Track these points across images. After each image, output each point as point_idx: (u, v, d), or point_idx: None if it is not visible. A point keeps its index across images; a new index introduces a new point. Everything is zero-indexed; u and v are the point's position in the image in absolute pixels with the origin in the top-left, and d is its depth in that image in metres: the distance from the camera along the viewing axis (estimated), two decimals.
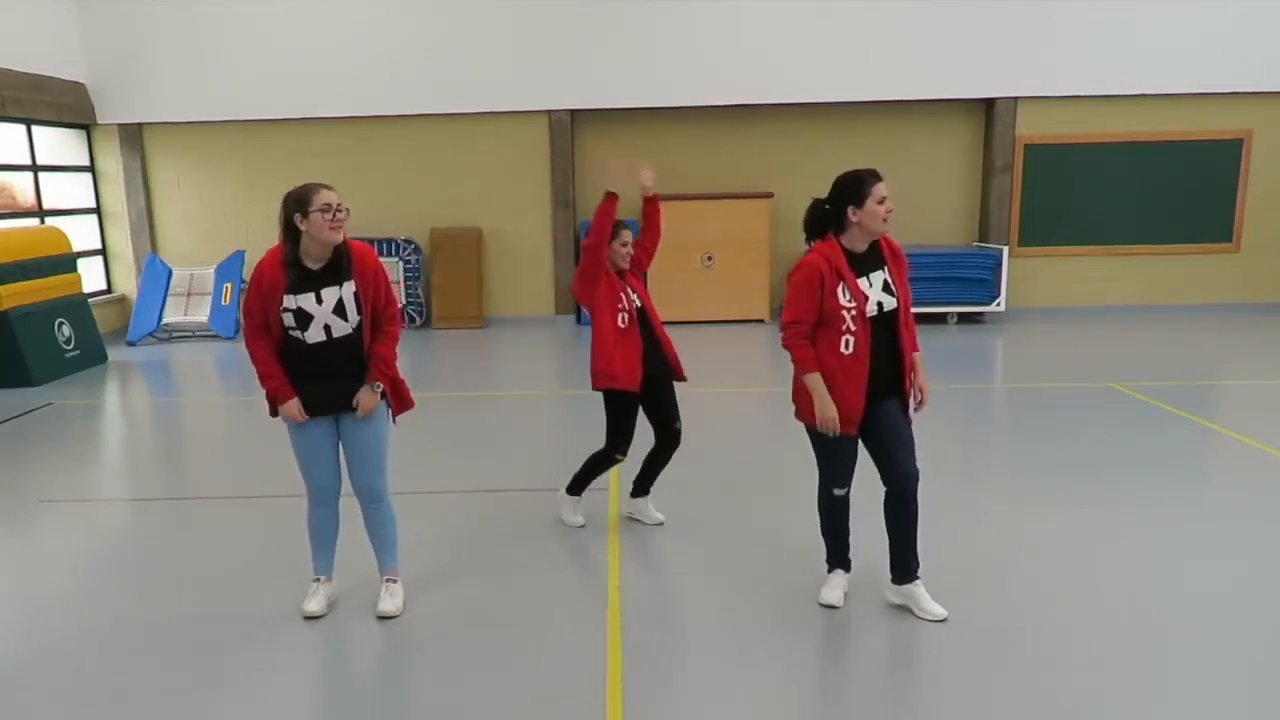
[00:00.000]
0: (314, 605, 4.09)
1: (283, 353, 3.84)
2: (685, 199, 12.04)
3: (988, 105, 12.14)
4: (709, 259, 12.15)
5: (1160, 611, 4.04)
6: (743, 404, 8.31)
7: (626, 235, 4.81)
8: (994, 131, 12.02)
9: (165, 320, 11.79)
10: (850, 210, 3.79)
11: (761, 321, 12.26)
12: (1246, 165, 12.04)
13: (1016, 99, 11.91)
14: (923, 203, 12.39)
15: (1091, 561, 4.57)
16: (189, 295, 11.96)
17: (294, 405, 3.85)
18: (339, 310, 3.79)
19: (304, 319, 3.76)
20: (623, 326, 4.71)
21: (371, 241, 12.14)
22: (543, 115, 12.10)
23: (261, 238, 12.40)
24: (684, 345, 11.22)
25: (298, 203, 3.74)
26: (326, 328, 3.79)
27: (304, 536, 4.17)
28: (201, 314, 11.84)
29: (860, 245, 3.88)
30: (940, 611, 3.91)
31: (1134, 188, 12.16)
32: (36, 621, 4.24)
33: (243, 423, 8.17)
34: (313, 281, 3.79)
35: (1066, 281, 12.43)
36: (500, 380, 9.74)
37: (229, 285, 11.95)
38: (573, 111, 12.09)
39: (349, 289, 3.80)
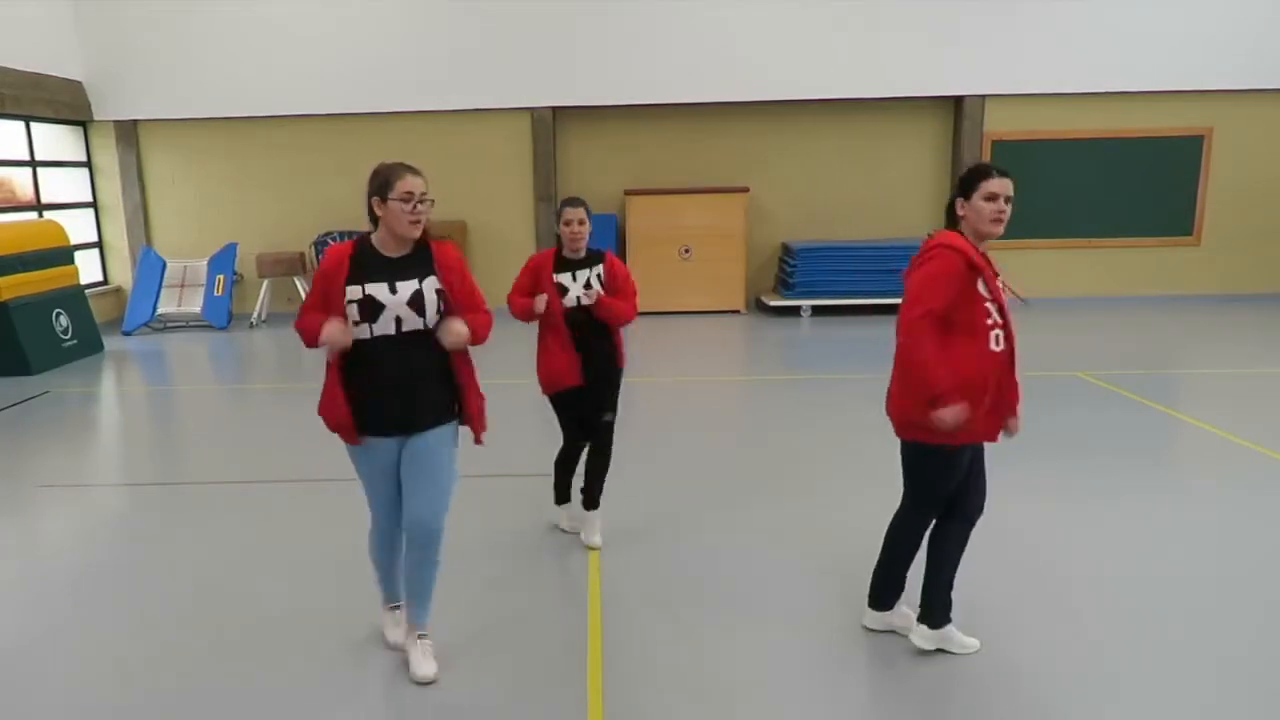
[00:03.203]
0: (396, 635, 3.82)
1: (348, 361, 3.43)
2: (664, 193, 12.39)
3: (956, 103, 12.46)
4: (686, 251, 12.49)
5: (1119, 595, 4.20)
6: (724, 392, 8.67)
7: (569, 214, 4.56)
8: (962, 128, 12.35)
9: (159, 311, 12.12)
10: (958, 203, 3.45)
11: (737, 312, 12.62)
12: (1207, 161, 12.39)
13: (984, 97, 12.25)
14: (893, 197, 12.75)
15: (1052, 547, 4.69)
16: (183, 287, 12.27)
17: (334, 324, 3.33)
18: (415, 303, 3.41)
19: (374, 309, 3.37)
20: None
21: (357, 234, 12.47)
22: (525, 112, 12.42)
23: (253, 231, 12.76)
24: (662, 335, 11.58)
25: (380, 185, 3.40)
26: (398, 320, 3.39)
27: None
28: (195, 305, 12.17)
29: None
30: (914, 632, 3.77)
31: (1099, 183, 12.51)
32: (37, 603, 4.39)
33: (235, 410, 8.50)
34: (388, 271, 3.42)
35: (1033, 273, 12.72)
36: (484, 369, 10.02)
37: (221, 277, 12.28)
38: (554, 109, 12.41)
39: (430, 283, 3.43)
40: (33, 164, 11.71)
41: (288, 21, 12.17)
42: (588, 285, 4.61)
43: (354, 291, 3.37)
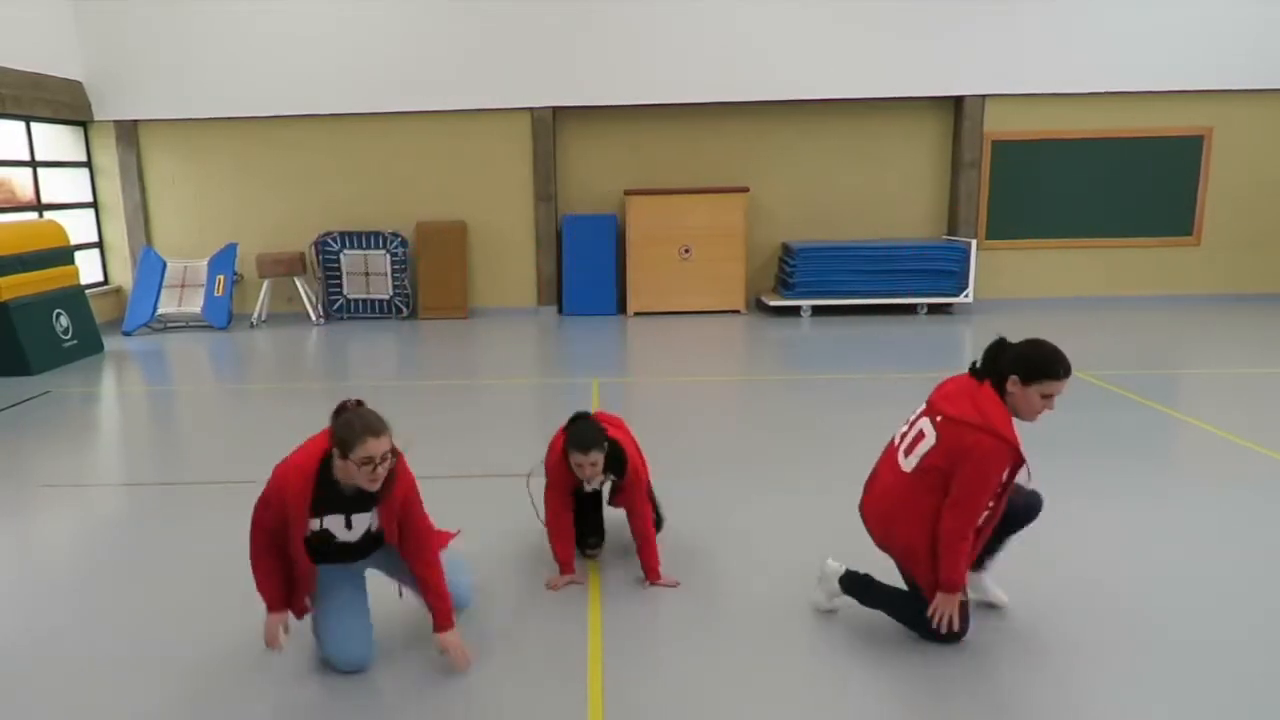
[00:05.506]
0: None
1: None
2: (664, 193, 12.39)
3: (956, 103, 12.45)
4: (686, 251, 12.49)
5: (1120, 596, 4.20)
6: (724, 392, 8.68)
7: (578, 457, 4.15)
8: (962, 128, 12.34)
9: (160, 311, 12.12)
10: (1011, 381, 3.47)
11: (737, 312, 12.63)
12: (1207, 161, 12.38)
13: (984, 97, 12.23)
14: (894, 197, 12.76)
15: (1050, 547, 4.61)
16: (183, 287, 12.28)
17: (275, 622, 3.51)
18: (369, 536, 3.53)
19: (326, 538, 3.47)
20: None
21: (358, 235, 12.49)
22: (525, 112, 12.42)
23: (253, 231, 12.77)
24: (662, 335, 11.63)
25: (340, 443, 3.27)
26: (349, 539, 3.53)
27: None
28: (195, 305, 12.17)
29: None
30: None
31: (1098, 182, 12.49)
32: (38, 604, 4.41)
33: (236, 410, 8.50)
34: (346, 504, 3.44)
35: (1032, 273, 12.79)
36: (485, 369, 10.03)
37: (221, 277, 12.29)
38: (554, 109, 12.41)
39: (372, 517, 3.49)
40: (33, 164, 11.70)
41: (288, 22, 12.16)
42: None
43: (313, 524, 3.42)
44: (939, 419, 3.55)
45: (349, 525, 3.44)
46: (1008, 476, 3.46)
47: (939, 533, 3.51)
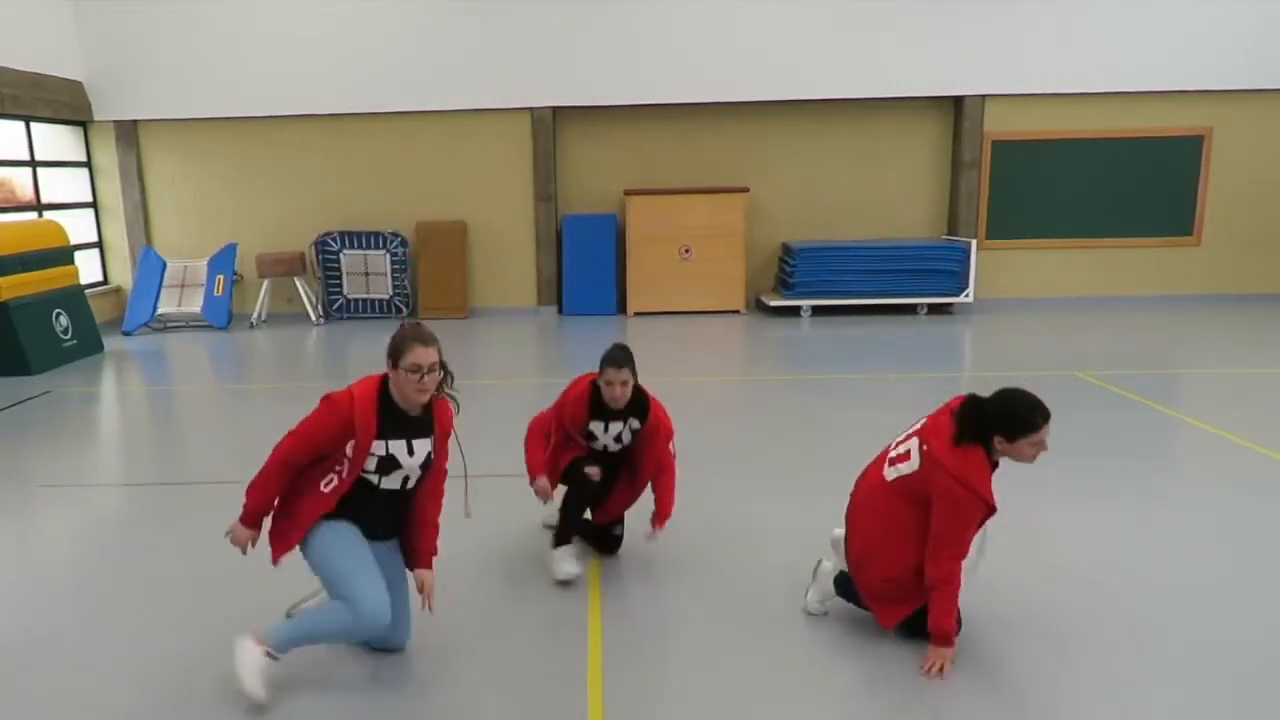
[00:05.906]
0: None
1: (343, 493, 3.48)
2: (664, 193, 12.39)
3: (956, 103, 12.45)
4: (686, 251, 12.49)
5: (1120, 596, 4.20)
6: (724, 392, 8.68)
7: (610, 374, 4.28)
8: (963, 128, 12.34)
9: (160, 311, 12.12)
10: (998, 441, 3.49)
11: (737, 312, 12.63)
12: (1207, 161, 12.38)
13: (984, 97, 12.24)
14: (894, 197, 12.77)
15: (1050, 547, 4.67)
16: (183, 287, 12.27)
17: (246, 534, 3.56)
18: (424, 465, 3.56)
19: (391, 467, 3.48)
20: None
21: (358, 235, 12.49)
22: (525, 112, 12.41)
23: (253, 231, 12.76)
24: (662, 335, 11.59)
25: (392, 350, 3.43)
26: (405, 479, 3.55)
27: None
28: (195, 305, 12.17)
29: None
30: None
31: (1098, 183, 12.50)
32: (38, 604, 4.41)
33: (236, 410, 8.51)
34: (408, 428, 3.50)
35: (1032, 273, 12.78)
36: (485, 369, 10.01)
37: (221, 277, 12.29)
38: (554, 109, 12.41)
39: (430, 443, 3.58)
40: (33, 164, 11.69)
41: (288, 22, 12.17)
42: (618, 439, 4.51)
43: (379, 447, 3.44)
44: (925, 449, 3.57)
45: (411, 450, 3.49)
46: (983, 517, 3.55)
47: (928, 581, 3.53)
